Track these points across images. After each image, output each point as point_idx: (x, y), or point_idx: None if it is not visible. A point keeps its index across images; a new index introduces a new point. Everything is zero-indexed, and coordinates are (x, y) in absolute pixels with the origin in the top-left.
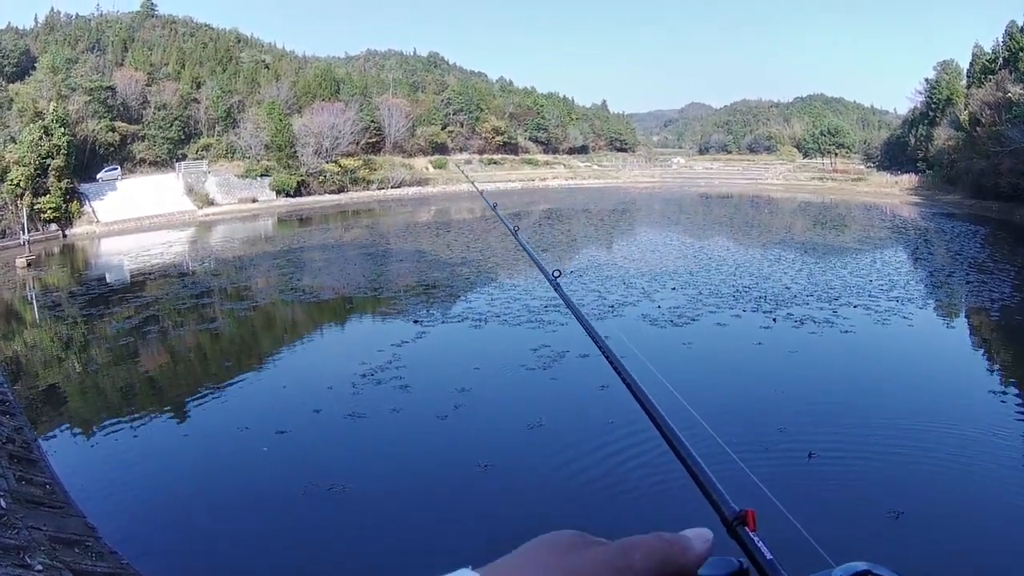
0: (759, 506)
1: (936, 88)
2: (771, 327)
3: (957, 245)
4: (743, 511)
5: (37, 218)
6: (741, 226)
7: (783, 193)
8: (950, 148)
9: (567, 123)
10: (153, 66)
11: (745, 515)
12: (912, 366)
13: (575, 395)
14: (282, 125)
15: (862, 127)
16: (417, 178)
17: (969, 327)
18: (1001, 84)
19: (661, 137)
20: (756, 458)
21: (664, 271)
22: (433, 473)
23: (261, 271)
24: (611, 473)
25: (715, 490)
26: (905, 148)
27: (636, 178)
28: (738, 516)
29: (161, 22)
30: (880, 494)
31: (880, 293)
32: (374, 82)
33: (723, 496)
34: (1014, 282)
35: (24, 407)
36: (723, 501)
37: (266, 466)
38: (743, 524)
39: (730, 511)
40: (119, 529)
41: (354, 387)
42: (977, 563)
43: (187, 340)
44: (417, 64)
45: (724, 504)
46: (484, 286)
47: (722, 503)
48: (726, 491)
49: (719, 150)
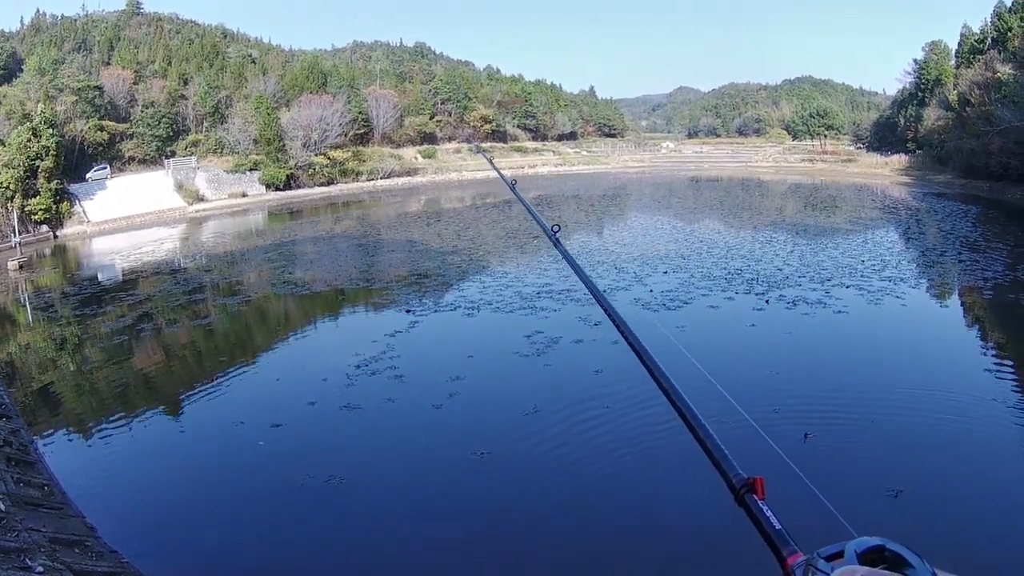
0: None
1: (925, 69)
2: (764, 309)
3: (948, 224)
4: (751, 479)
5: (28, 220)
6: (732, 209)
7: (773, 175)
8: (940, 128)
9: (555, 110)
10: (140, 64)
11: (754, 482)
12: (905, 345)
13: (569, 381)
14: (270, 119)
15: (851, 108)
16: (406, 168)
17: (962, 305)
18: (990, 64)
19: (650, 122)
20: (752, 439)
21: (655, 255)
22: (430, 462)
23: (253, 265)
24: (608, 457)
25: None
26: (895, 129)
27: (626, 163)
28: (746, 483)
29: (147, 20)
30: (879, 473)
31: (872, 273)
32: (361, 73)
33: (731, 463)
34: (1006, 260)
35: (20, 409)
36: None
37: (263, 460)
38: (751, 492)
39: (738, 478)
40: (118, 528)
41: (348, 378)
42: (978, 539)
43: (181, 337)
44: (404, 54)
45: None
46: (476, 274)
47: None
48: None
49: (708, 134)
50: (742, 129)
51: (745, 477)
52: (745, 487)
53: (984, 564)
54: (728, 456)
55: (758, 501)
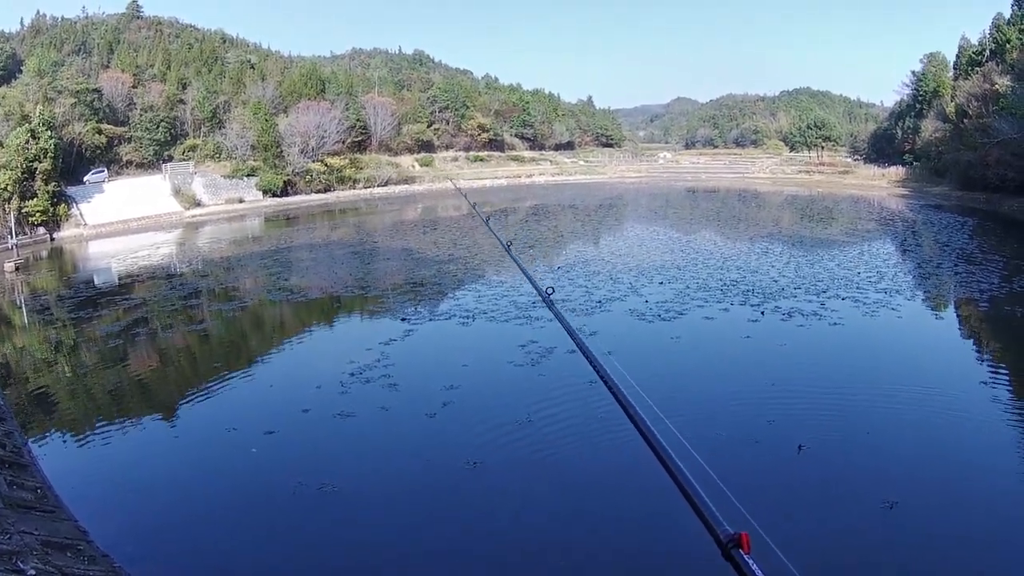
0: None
1: (923, 80)
2: (759, 320)
3: (945, 236)
4: (737, 534)
5: (25, 222)
6: (728, 220)
7: (770, 187)
8: (937, 140)
9: (553, 119)
10: (139, 68)
11: (739, 538)
12: (901, 357)
13: (563, 391)
14: (268, 125)
15: (849, 120)
16: (403, 176)
17: (958, 317)
18: (988, 76)
19: (647, 132)
20: (746, 451)
21: (651, 266)
22: (423, 471)
23: (249, 271)
24: (601, 470)
25: (710, 513)
26: (892, 140)
27: (623, 173)
28: (732, 539)
29: (146, 23)
30: (873, 485)
31: (868, 285)
32: (359, 81)
33: (717, 519)
34: (1002, 272)
35: (14, 411)
36: (717, 523)
37: (256, 467)
38: (737, 547)
39: (724, 534)
40: (110, 532)
41: (342, 386)
42: (972, 551)
43: (176, 342)
44: (402, 62)
45: (719, 527)
46: (471, 283)
47: (716, 526)
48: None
49: (705, 144)
50: (739, 140)
51: (731, 532)
52: (731, 542)
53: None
54: (715, 513)
55: (744, 555)
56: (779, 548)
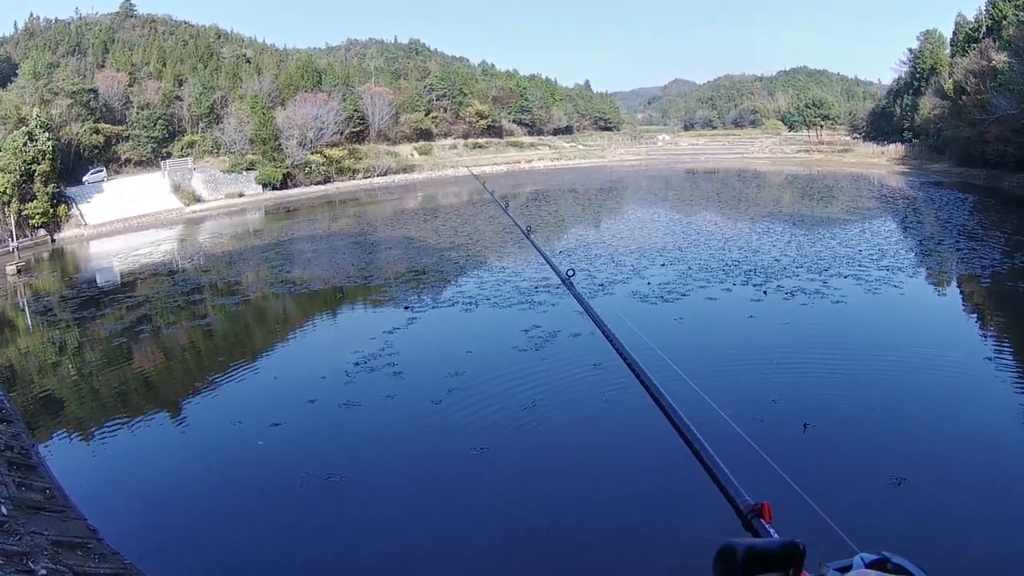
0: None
1: (920, 58)
2: (762, 300)
3: (946, 213)
4: (759, 504)
5: (25, 224)
6: (728, 201)
7: (769, 167)
8: (936, 117)
9: (551, 104)
10: (134, 66)
11: (761, 508)
12: (904, 334)
13: (568, 375)
14: (265, 118)
15: (847, 98)
16: (403, 165)
17: (961, 294)
18: (985, 52)
19: (646, 115)
20: (749, 430)
21: (653, 248)
22: (430, 458)
23: (251, 265)
24: (609, 451)
25: (730, 484)
26: (891, 118)
27: (622, 156)
28: (753, 509)
29: (140, 22)
30: (881, 461)
31: (870, 262)
32: (356, 71)
33: (738, 489)
34: (1004, 248)
35: (21, 413)
36: (738, 494)
37: (262, 459)
38: (758, 516)
39: (745, 504)
40: (120, 530)
41: (347, 376)
42: (981, 526)
43: (180, 338)
44: (398, 52)
45: (739, 497)
46: (474, 270)
47: (737, 496)
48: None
49: (704, 126)
50: (738, 121)
51: (752, 503)
52: (752, 512)
53: (989, 549)
54: (735, 483)
55: (765, 525)
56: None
